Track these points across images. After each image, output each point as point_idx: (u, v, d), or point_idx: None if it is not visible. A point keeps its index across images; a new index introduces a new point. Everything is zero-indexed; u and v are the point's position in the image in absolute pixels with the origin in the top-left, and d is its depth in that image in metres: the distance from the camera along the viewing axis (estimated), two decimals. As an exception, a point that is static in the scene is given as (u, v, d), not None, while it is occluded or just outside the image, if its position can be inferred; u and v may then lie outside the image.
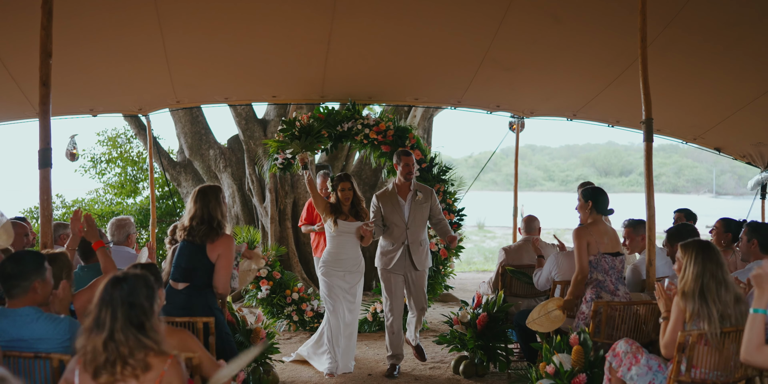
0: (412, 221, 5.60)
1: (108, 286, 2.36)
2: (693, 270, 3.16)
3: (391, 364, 5.68)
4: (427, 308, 5.84)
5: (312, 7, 5.74)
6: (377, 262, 5.73)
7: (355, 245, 5.58)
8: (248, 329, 4.95)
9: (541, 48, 6.37)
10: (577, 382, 3.82)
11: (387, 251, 5.65)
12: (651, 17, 5.05)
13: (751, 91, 6.62)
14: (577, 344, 3.95)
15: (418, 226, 5.62)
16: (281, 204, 9.37)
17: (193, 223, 3.93)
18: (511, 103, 7.59)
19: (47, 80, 4.02)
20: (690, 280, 3.16)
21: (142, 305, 2.35)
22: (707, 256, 3.18)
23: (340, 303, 5.52)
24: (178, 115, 9.68)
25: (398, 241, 5.59)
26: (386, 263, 5.65)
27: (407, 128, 7.15)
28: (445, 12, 5.95)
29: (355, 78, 7.07)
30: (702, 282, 3.14)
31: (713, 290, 3.13)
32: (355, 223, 5.50)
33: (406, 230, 5.58)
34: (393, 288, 5.64)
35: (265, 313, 7.14)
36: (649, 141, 4.50)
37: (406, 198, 5.66)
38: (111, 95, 7.03)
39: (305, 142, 6.76)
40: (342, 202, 5.48)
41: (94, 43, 5.77)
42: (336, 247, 5.56)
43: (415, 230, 5.60)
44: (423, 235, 5.68)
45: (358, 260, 5.62)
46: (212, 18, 5.79)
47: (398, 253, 5.56)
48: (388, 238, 5.66)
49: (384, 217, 5.63)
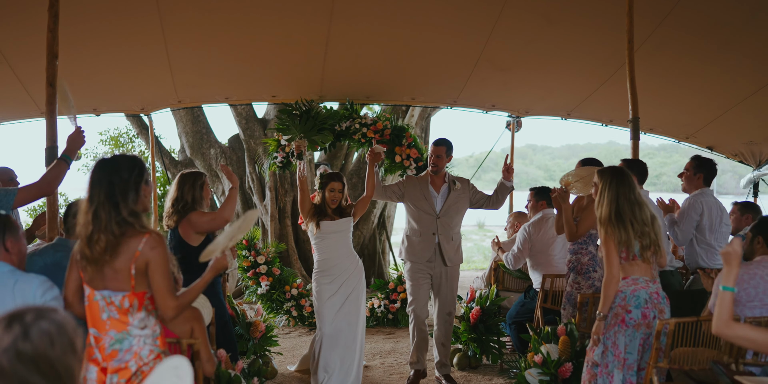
0: (445, 211, 5.10)
1: (95, 166, 2.60)
2: (607, 195, 3.48)
3: (414, 370, 5.19)
4: (455, 313, 5.25)
5: (310, 10, 5.90)
6: (403, 254, 5.24)
7: (345, 244, 4.88)
8: (248, 322, 5.10)
9: (534, 49, 6.52)
10: (564, 370, 3.97)
11: (413, 241, 5.13)
12: (644, 16, 5.20)
13: (742, 90, 6.75)
14: (564, 335, 4.10)
15: (451, 217, 5.13)
16: (281, 202, 9.51)
17: (171, 208, 3.99)
18: (506, 102, 7.73)
19: (53, 81, 4.18)
20: (605, 204, 3.47)
21: (121, 183, 2.54)
22: (620, 181, 3.50)
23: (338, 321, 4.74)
24: (180, 114, 9.83)
25: (427, 231, 5.07)
26: (414, 255, 5.11)
27: (404, 127, 7.30)
28: (441, 14, 6.10)
29: (353, 78, 7.20)
30: (617, 204, 3.45)
31: (627, 211, 3.45)
32: (340, 220, 4.84)
33: (437, 219, 5.09)
34: (417, 283, 5.11)
35: (265, 309, 7.28)
36: (636, 139, 4.67)
37: (439, 189, 5.17)
38: (114, 95, 7.18)
39: (305, 126, 6.19)
40: (327, 204, 4.84)
41: (97, 45, 5.92)
42: (324, 252, 4.84)
43: (447, 221, 5.11)
44: (456, 227, 5.19)
45: (353, 259, 4.89)
46: (213, 20, 5.94)
47: (426, 244, 5.06)
48: (416, 226, 5.14)
49: (410, 203, 5.16)
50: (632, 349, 3.40)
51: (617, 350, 3.42)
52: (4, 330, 1.38)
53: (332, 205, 4.82)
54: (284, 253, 9.16)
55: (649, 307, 3.43)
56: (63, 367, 1.40)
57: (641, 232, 3.45)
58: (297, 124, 6.19)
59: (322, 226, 4.79)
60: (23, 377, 1.33)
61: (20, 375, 1.33)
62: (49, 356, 1.39)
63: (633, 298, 3.42)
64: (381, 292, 7.51)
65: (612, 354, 3.43)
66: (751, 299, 3.44)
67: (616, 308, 3.45)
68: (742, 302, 3.44)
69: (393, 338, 6.85)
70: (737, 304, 3.42)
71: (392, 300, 7.42)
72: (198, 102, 7.86)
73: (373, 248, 10.09)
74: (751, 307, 3.43)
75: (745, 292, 3.44)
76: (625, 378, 3.39)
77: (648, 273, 3.51)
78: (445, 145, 5.18)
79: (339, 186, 4.83)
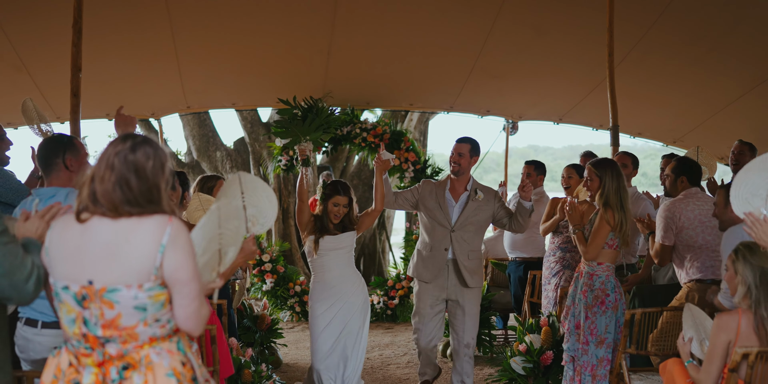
0: (461, 224, 4.36)
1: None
2: (613, 185, 3.85)
3: (423, 380, 4.69)
4: (475, 344, 4.50)
5: (313, 20, 6.28)
6: (411, 269, 4.55)
7: (346, 263, 4.20)
8: (255, 315, 5.46)
9: (526, 58, 6.89)
10: (545, 358, 4.35)
11: (426, 259, 4.42)
12: (633, 21, 5.50)
13: (727, 95, 7.04)
14: (546, 326, 4.47)
15: (468, 231, 4.37)
16: (284, 203, 9.86)
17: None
18: (500, 108, 8.09)
19: (77, 92, 4.54)
20: (613, 192, 3.84)
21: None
22: (618, 172, 3.91)
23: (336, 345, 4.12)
24: (187, 118, 10.21)
25: (439, 246, 4.36)
26: (424, 275, 4.40)
27: (402, 132, 7.65)
28: (437, 25, 6.49)
29: (353, 85, 7.57)
30: (620, 195, 3.86)
31: (626, 201, 3.90)
32: (342, 235, 4.17)
33: (451, 233, 4.36)
34: (426, 306, 4.42)
35: (270, 305, 7.65)
36: (616, 145, 5.03)
37: (458, 198, 4.43)
38: (126, 101, 7.53)
39: (308, 128, 5.08)
40: (330, 219, 4.14)
41: (113, 56, 6.31)
42: (320, 271, 4.17)
43: (462, 235, 4.36)
44: (474, 243, 4.42)
45: (354, 280, 4.21)
46: (221, 32, 6.34)
47: (441, 263, 4.35)
48: (427, 239, 4.44)
49: (425, 209, 4.44)
50: (611, 329, 3.83)
51: (597, 330, 3.83)
52: (121, 141, 2.04)
53: (335, 220, 4.14)
54: (287, 252, 9.52)
55: (618, 291, 3.89)
56: (152, 175, 2.02)
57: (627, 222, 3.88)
58: (299, 125, 5.24)
59: (322, 244, 4.11)
60: (123, 173, 1.99)
61: (122, 172, 1.99)
62: (144, 166, 2.01)
63: (608, 282, 3.87)
64: (380, 289, 7.86)
65: (589, 333, 3.84)
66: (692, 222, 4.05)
67: (596, 291, 3.87)
68: (686, 226, 4.05)
69: (391, 332, 7.21)
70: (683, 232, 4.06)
71: (391, 297, 7.76)
72: (206, 107, 8.26)
73: (374, 247, 10.46)
74: (692, 228, 4.05)
75: (686, 217, 4.06)
76: (604, 356, 3.82)
77: (615, 261, 3.99)
78: (469, 143, 4.44)
79: (344, 200, 4.12)
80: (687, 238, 4.09)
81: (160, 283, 1.99)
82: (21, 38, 5.93)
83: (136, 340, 2.00)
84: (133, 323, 1.99)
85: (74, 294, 1.99)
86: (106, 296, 1.96)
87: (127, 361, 1.98)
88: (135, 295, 1.96)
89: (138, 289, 1.96)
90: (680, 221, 4.09)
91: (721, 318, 2.79)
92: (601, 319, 3.82)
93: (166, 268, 1.98)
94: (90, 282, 1.96)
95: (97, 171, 2.01)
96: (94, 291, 1.96)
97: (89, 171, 2.04)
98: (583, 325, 3.86)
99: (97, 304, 1.97)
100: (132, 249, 1.96)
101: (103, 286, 1.96)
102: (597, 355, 3.81)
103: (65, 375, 2.01)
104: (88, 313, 1.98)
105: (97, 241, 1.97)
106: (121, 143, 2.04)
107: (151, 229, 1.97)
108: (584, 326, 3.85)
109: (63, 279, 2.01)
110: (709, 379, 2.76)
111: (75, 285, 1.98)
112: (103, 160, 2.02)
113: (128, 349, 1.99)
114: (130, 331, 1.99)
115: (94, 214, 1.99)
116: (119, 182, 1.98)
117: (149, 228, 1.97)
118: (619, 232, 3.83)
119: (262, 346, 5.49)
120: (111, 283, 1.96)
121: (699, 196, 4.17)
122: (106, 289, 1.95)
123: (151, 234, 1.97)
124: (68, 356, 2.03)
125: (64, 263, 2.01)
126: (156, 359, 2.00)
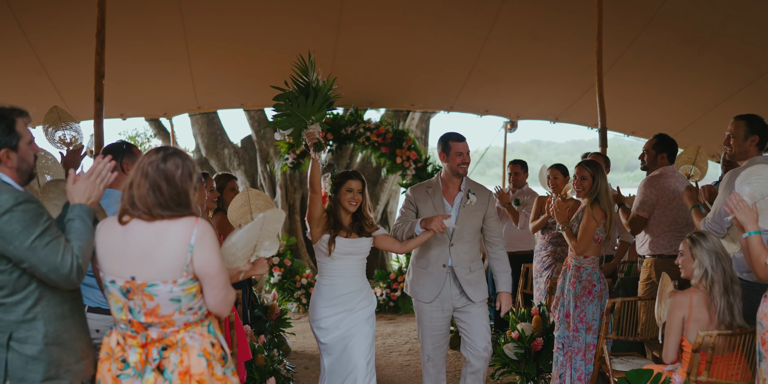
0: (458, 234, 3.96)
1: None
2: (602, 183, 4.23)
3: None
4: (491, 353, 4.05)
5: (319, 26, 6.60)
6: (408, 289, 4.12)
7: (359, 272, 3.76)
8: (265, 306, 5.80)
9: (522, 60, 7.19)
10: (536, 344, 4.68)
11: (422, 276, 4.01)
12: (625, 24, 5.74)
13: (717, 95, 7.27)
14: (537, 314, 4.81)
15: (466, 242, 3.99)
16: (291, 199, 10.19)
17: None
18: (498, 108, 8.40)
19: (101, 97, 4.85)
20: (605, 191, 4.22)
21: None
22: (604, 172, 4.32)
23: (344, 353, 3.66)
24: (196, 117, 10.53)
25: (437, 262, 3.98)
26: (422, 294, 4.00)
27: (404, 132, 7.96)
28: (438, 30, 6.80)
29: (357, 86, 7.86)
30: (608, 192, 4.26)
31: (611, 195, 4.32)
32: (360, 239, 3.72)
33: (450, 247, 3.98)
34: (431, 329, 4.01)
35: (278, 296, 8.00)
36: (604, 146, 5.34)
37: (453, 201, 4.03)
38: (140, 102, 7.90)
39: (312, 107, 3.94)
40: (343, 210, 3.70)
41: (130, 60, 6.62)
42: (330, 275, 3.72)
43: (460, 247, 3.98)
44: (473, 251, 4.05)
45: (365, 293, 3.76)
46: (231, 37, 6.65)
47: (440, 280, 3.96)
48: (423, 256, 4.03)
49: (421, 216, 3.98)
50: (597, 316, 4.22)
51: (586, 317, 4.20)
52: (155, 152, 2.35)
53: (351, 208, 3.68)
54: (294, 246, 9.85)
55: (603, 282, 4.29)
56: (180, 182, 2.33)
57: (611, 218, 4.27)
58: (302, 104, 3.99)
59: (338, 245, 3.66)
60: (155, 180, 2.30)
61: (154, 179, 2.30)
62: (174, 174, 2.33)
63: (594, 274, 4.26)
64: (383, 282, 8.20)
65: (579, 320, 4.21)
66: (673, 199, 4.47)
67: (584, 282, 4.24)
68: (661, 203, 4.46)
69: (394, 323, 7.55)
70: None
71: (393, 289, 8.10)
72: (215, 107, 8.59)
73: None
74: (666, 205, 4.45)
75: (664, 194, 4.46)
76: (592, 341, 4.22)
77: (599, 253, 4.34)
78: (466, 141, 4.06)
79: (358, 185, 3.69)
80: (659, 215, 4.52)
81: (191, 277, 2.33)
82: (42, 41, 6.20)
83: (173, 325, 2.35)
84: (170, 312, 2.33)
85: (120, 287, 2.34)
86: (146, 290, 2.30)
87: (166, 343, 2.34)
88: (170, 289, 2.31)
89: (173, 284, 2.30)
90: (659, 197, 4.51)
91: (675, 297, 3.24)
92: (590, 308, 4.21)
93: (195, 264, 2.32)
94: (132, 277, 2.31)
95: (134, 178, 2.35)
96: (136, 285, 2.31)
97: (128, 179, 2.38)
98: (572, 314, 4.22)
99: (139, 296, 2.31)
100: (165, 250, 2.29)
101: (144, 281, 2.30)
102: (586, 340, 4.18)
103: (114, 352, 2.36)
104: (132, 303, 2.33)
105: (136, 243, 2.31)
106: (154, 154, 2.36)
107: (180, 231, 2.30)
108: (574, 315, 4.22)
109: (110, 274, 2.36)
110: (670, 350, 3.24)
111: (120, 280, 2.33)
112: (139, 169, 2.35)
113: (167, 333, 2.34)
114: (168, 319, 2.34)
115: (133, 217, 2.33)
116: (152, 188, 2.31)
117: (178, 230, 2.30)
118: (604, 226, 4.18)
119: (272, 335, 5.84)
120: (150, 279, 2.30)
121: (676, 176, 4.58)
122: (146, 284, 2.30)
123: (180, 236, 2.29)
124: (117, 336, 2.38)
125: (110, 261, 2.36)
126: (190, 341, 2.35)
